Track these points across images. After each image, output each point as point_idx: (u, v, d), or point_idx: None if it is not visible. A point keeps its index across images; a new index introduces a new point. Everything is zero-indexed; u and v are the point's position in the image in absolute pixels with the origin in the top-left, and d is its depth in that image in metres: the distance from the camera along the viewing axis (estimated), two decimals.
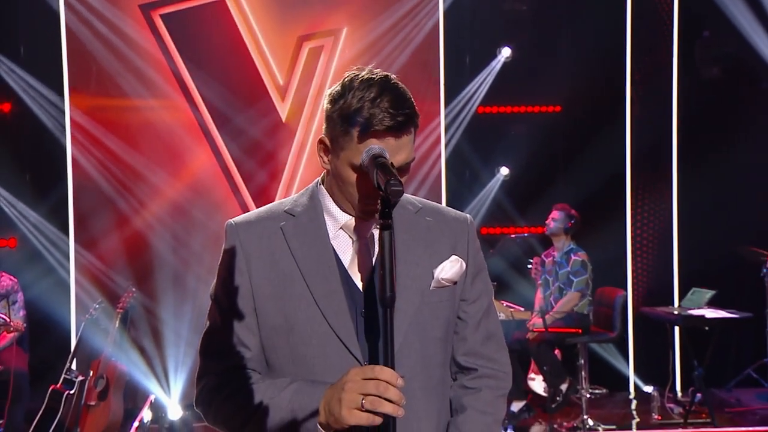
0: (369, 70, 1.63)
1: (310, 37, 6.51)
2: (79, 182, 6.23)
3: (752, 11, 6.75)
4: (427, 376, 1.70)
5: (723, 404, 6.11)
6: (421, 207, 1.77)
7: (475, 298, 1.77)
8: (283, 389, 1.60)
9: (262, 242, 1.68)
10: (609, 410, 6.18)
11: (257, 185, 6.50)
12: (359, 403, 1.45)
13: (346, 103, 1.58)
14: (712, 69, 7.08)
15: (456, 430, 1.73)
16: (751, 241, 6.32)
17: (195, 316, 6.22)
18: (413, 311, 1.65)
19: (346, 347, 1.61)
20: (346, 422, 1.48)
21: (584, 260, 5.96)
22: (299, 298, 1.65)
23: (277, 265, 1.67)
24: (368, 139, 1.57)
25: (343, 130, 1.58)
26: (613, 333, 6.10)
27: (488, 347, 1.79)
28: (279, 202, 1.77)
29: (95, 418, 5.12)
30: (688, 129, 7.00)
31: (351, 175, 1.61)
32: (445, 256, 1.72)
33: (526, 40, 6.86)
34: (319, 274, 1.65)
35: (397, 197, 1.46)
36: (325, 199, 1.70)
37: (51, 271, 6.10)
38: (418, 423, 1.64)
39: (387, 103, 1.55)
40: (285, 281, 1.66)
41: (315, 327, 1.64)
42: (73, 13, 6.10)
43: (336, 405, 1.48)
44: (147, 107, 6.32)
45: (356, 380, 1.47)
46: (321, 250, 1.67)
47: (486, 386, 1.76)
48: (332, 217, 1.69)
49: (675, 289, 6.96)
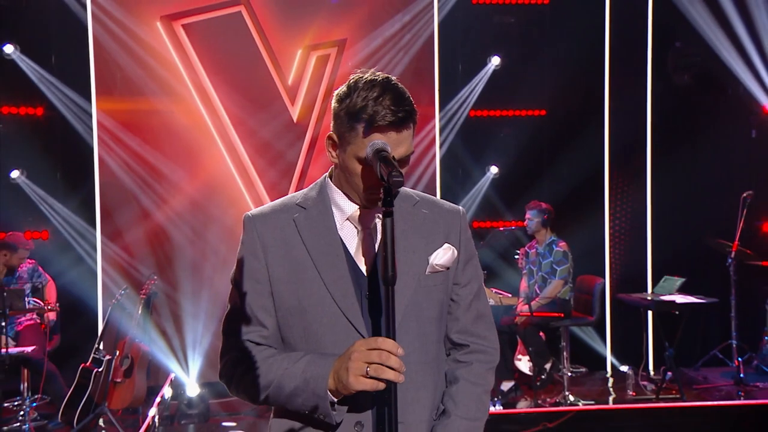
0: (372, 72, 1.63)
1: (318, 47, 6.50)
2: (104, 179, 6.20)
3: (719, 25, 6.79)
4: (424, 351, 1.70)
5: (691, 382, 6.15)
6: (418, 200, 1.78)
7: (466, 282, 1.78)
8: (297, 361, 1.62)
9: (277, 233, 1.70)
10: (588, 387, 6.18)
11: (270, 181, 6.47)
12: (364, 370, 1.48)
13: (351, 101, 1.59)
14: (683, 76, 7.09)
15: (450, 399, 1.74)
16: (717, 233, 6.39)
17: (211, 302, 6.23)
18: (410, 293, 1.66)
19: (353, 325, 1.63)
20: (353, 388, 1.51)
21: (565, 250, 5.98)
22: (311, 283, 1.66)
23: (290, 253, 1.68)
24: (372, 134, 1.58)
25: (349, 126, 1.59)
26: (593, 317, 6.11)
27: (478, 326, 1.80)
28: (291, 196, 1.77)
29: (121, 393, 5.13)
30: (660, 131, 7.02)
31: (357, 167, 1.62)
32: (440, 244, 1.72)
33: (514, 50, 6.87)
34: (328, 262, 1.67)
35: (398, 187, 1.48)
36: (332, 192, 1.71)
37: (80, 261, 6.07)
38: (416, 393, 1.67)
39: (389, 101, 1.56)
40: (298, 268, 1.67)
41: (325, 308, 1.65)
42: (100, 24, 6.08)
43: (344, 373, 1.51)
44: (167, 110, 6.28)
45: (361, 350, 1.49)
46: (329, 240, 1.68)
47: (477, 360, 1.78)
48: (339, 209, 1.70)
49: (648, 276, 7.00)
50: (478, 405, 1.75)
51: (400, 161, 1.59)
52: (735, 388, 5.84)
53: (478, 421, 1.74)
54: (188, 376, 6.04)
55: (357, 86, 1.59)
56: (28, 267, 5.40)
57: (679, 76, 7.09)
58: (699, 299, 5.84)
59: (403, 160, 1.62)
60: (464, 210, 1.83)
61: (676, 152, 6.84)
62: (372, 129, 1.57)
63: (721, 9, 6.73)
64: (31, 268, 5.41)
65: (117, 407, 5.12)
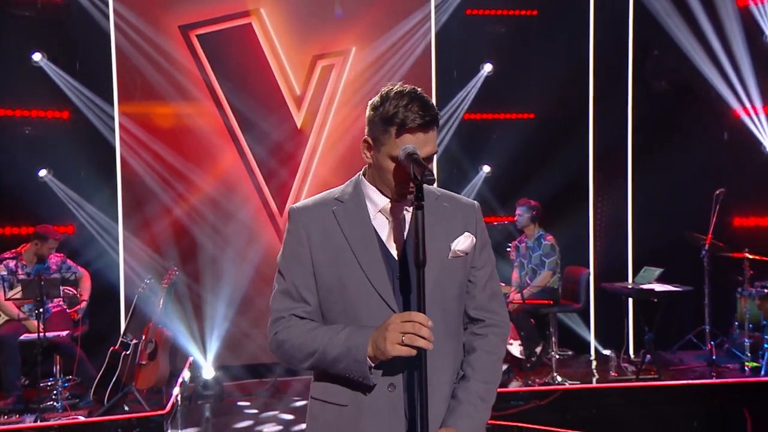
0: (400, 84, 1.74)
1: (323, 57, 6.56)
2: (127, 178, 6.22)
3: (693, 35, 6.81)
4: (447, 324, 1.80)
5: (668, 363, 6.17)
6: (439, 195, 1.87)
7: (482, 265, 1.89)
8: (339, 332, 1.72)
9: (318, 223, 1.79)
10: (574, 369, 6.18)
11: (276, 182, 6.51)
12: (400, 339, 1.59)
13: (385, 109, 1.70)
14: (660, 82, 7.12)
15: (469, 366, 1.85)
16: (692, 227, 6.43)
17: (227, 292, 6.29)
18: (436, 275, 1.75)
19: (385, 302, 1.73)
20: (390, 354, 1.61)
21: (553, 243, 6.07)
22: (349, 265, 1.76)
23: (330, 240, 1.78)
24: (404, 135, 1.69)
25: (383, 129, 1.70)
26: (579, 304, 6.18)
27: (493, 303, 1.91)
28: (329, 192, 1.87)
29: (146, 374, 5.24)
30: (640, 133, 7.05)
31: (390, 165, 1.72)
32: (459, 233, 1.82)
33: (505, 58, 6.88)
34: (363, 247, 1.77)
35: (431, 185, 1.62)
36: (366, 188, 1.81)
37: (104, 254, 6.11)
38: (441, 360, 1.77)
39: (417, 107, 1.67)
40: (337, 252, 1.77)
41: (362, 287, 1.75)
42: (122, 33, 6.13)
43: (382, 341, 1.62)
44: (184, 114, 6.32)
45: (397, 322, 1.61)
46: (364, 229, 1.79)
47: (491, 333, 1.89)
48: (372, 203, 1.80)
49: (629, 267, 7.02)
50: (493, 371, 1.86)
51: (426, 159, 1.70)
52: (708, 369, 5.89)
53: (492, 384, 1.86)
54: (205, 359, 6.12)
55: (389, 96, 1.70)
56: (56, 260, 5.45)
57: (656, 83, 7.13)
58: (675, 288, 5.89)
59: (429, 157, 1.73)
60: (479, 204, 1.93)
61: (655, 153, 6.88)
62: (403, 131, 1.68)
63: (696, 20, 6.76)
64: (61, 261, 5.46)
65: (142, 387, 5.21)
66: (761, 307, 6.09)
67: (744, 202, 6.99)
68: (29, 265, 5.30)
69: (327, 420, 1.81)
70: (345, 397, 1.77)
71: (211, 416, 5.54)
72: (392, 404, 1.74)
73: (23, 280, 4.98)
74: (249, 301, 6.36)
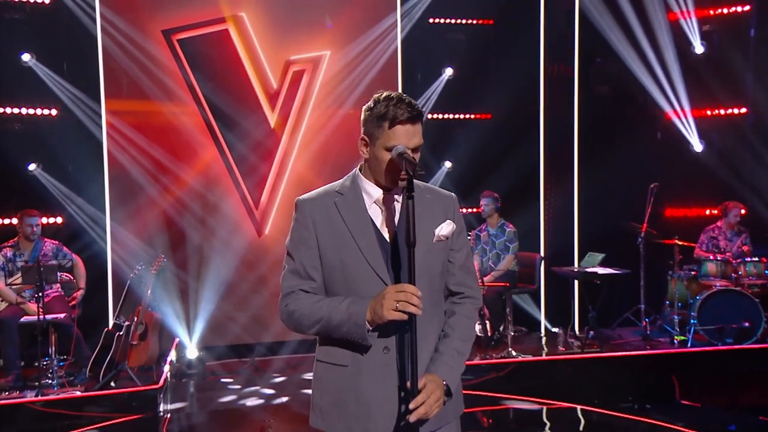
0: (388, 90, 1.90)
1: (295, 61, 6.55)
2: (113, 172, 6.19)
3: (631, 45, 7.06)
4: (432, 297, 1.94)
5: (609, 338, 6.35)
6: (423, 188, 1.98)
7: (459, 248, 2.02)
8: (341, 302, 1.85)
9: (322, 211, 1.92)
10: (527, 345, 6.33)
11: (254, 177, 6.50)
12: (394, 306, 1.74)
13: (377, 109, 1.85)
14: (602, 87, 7.36)
15: (449, 327, 1.98)
16: (630, 217, 6.62)
17: (211, 278, 6.33)
18: (422, 256, 1.85)
19: (380, 278, 1.87)
20: (386, 318, 1.75)
21: (515, 231, 6.30)
22: (349, 248, 1.89)
23: (333, 226, 1.90)
24: (395, 127, 1.83)
25: (377, 125, 1.85)
26: (534, 286, 6.40)
27: (468, 279, 2.05)
28: (331, 185, 1.99)
29: (138, 353, 5.35)
30: (585, 133, 7.24)
31: (385, 156, 1.86)
32: (441, 220, 1.95)
33: (464, 63, 6.98)
34: (361, 233, 1.89)
35: (421, 179, 1.82)
36: (362, 182, 1.94)
37: (92, 243, 6.10)
38: (427, 327, 1.91)
39: (404, 105, 1.84)
40: (339, 237, 1.90)
41: (360, 266, 1.88)
42: (108, 36, 6.09)
43: (379, 308, 1.76)
44: (168, 112, 6.30)
45: (392, 292, 1.76)
46: (361, 217, 1.91)
47: (468, 302, 2.03)
48: (368, 194, 1.93)
49: (575, 252, 7.21)
50: (468, 331, 2.02)
51: (414, 149, 1.85)
52: (642, 343, 6.16)
53: (468, 341, 2.01)
54: (190, 341, 6.17)
55: (380, 99, 1.87)
56: (52, 246, 5.46)
57: (599, 88, 7.36)
58: (615, 271, 6.05)
59: (417, 148, 1.87)
60: (455, 196, 2.07)
61: (598, 151, 7.00)
62: (395, 123, 1.83)
63: (633, 32, 6.98)
64: (56, 247, 5.48)
65: (134, 365, 5.31)
66: (688, 288, 6.41)
67: (674, 195, 7.24)
68: (26, 253, 5.34)
69: (330, 379, 1.93)
70: (346, 359, 1.89)
71: (196, 392, 5.61)
72: (386, 364, 1.87)
73: (23, 267, 5.03)
74: (232, 287, 6.38)
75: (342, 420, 1.90)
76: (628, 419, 4.94)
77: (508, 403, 5.30)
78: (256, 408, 5.22)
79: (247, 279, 6.45)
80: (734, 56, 7.19)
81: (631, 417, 4.98)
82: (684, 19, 7.24)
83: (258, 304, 6.46)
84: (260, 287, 6.46)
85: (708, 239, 6.66)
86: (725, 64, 7.22)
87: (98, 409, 4.90)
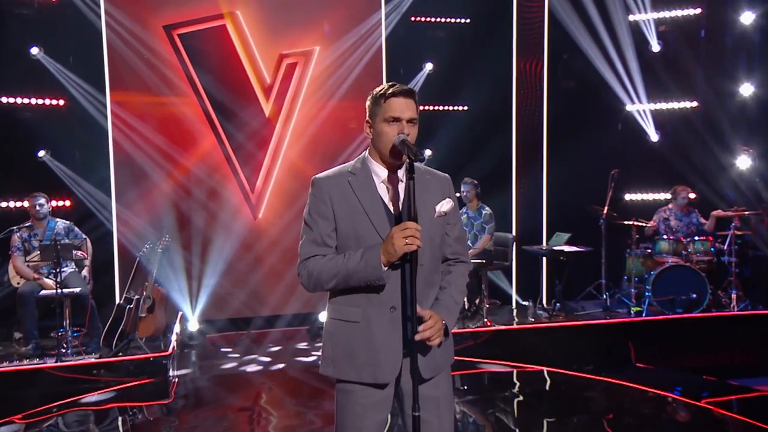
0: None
1: (288, 56, 6.65)
2: (119, 158, 6.25)
3: (595, 43, 7.19)
4: (431, 263, 2.06)
5: (573, 310, 6.48)
6: (423, 170, 2.07)
7: (455, 222, 2.15)
8: (354, 253, 1.95)
9: (338, 188, 2.01)
10: (500, 316, 6.40)
11: (249, 164, 6.60)
12: (404, 242, 1.85)
13: (377, 92, 2.01)
14: (569, 82, 7.46)
15: (447, 283, 2.11)
16: (593, 201, 6.70)
17: (212, 257, 6.44)
18: (426, 229, 1.96)
19: None
20: (399, 253, 1.86)
21: (491, 213, 6.38)
22: (362, 220, 1.99)
23: (347, 201, 2.00)
24: (390, 99, 1.95)
25: (377, 103, 1.99)
26: (506, 263, 6.52)
27: (461, 248, 2.18)
28: (343, 166, 2.08)
29: (146, 325, 5.51)
30: (553, 123, 7.30)
31: (385, 128, 1.96)
32: (440, 198, 2.05)
33: (443, 59, 7.05)
34: (372, 207, 2.00)
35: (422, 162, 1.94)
36: (371, 163, 2.05)
37: (100, 225, 6.18)
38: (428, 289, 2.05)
39: (397, 86, 1.99)
40: (353, 211, 1.99)
41: (371, 235, 1.98)
42: (113, 31, 6.16)
43: (391, 246, 1.87)
44: (169, 102, 6.36)
45: (398, 231, 1.87)
46: (372, 194, 2.01)
47: (461, 265, 2.18)
48: (376, 175, 2.03)
49: (543, 232, 7.32)
50: (462, 286, 2.16)
51: (410, 120, 1.96)
52: (603, 314, 6.25)
53: (462, 294, 2.14)
54: (193, 314, 6.31)
55: (378, 86, 2.03)
56: (64, 225, 5.52)
57: (566, 82, 7.45)
58: (580, 249, 6.21)
59: (412, 120, 1.98)
60: (449, 177, 2.16)
61: (565, 140, 7.11)
62: (390, 97, 1.96)
63: (597, 32, 7.15)
64: (68, 226, 5.53)
65: (143, 335, 5.47)
66: (644, 264, 6.53)
67: (633, 181, 7.35)
68: (40, 232, 5.41)
69: (342, 333, 2.04)
70: (357, 316, 2.00)
71: (198, 360, 5.78)
72: (393, 321, 1.99)
73: (41, 245, 5.12)
74: (231, 265, 6.49)
75: (353, 368, 2.01)
76: (589, 379, 5.09)
77: (483, 366, 5.45)
78: (255, 373, 5.39)
79: (244, 258, 6.57)
80: (686, 55, 7.34)
81: (592, 377, 5.13)
82: (642, 20, 7.41)
83: (255, 280, 6.58)
84: (257, 266, 6.59)
85: (660, 219, 6.77)
86: (679, 62, 7.35)
87: (113, 374, 5.06)
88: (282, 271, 6.58)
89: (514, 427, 4.25)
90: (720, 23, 7.40)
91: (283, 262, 6.58)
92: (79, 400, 4.77)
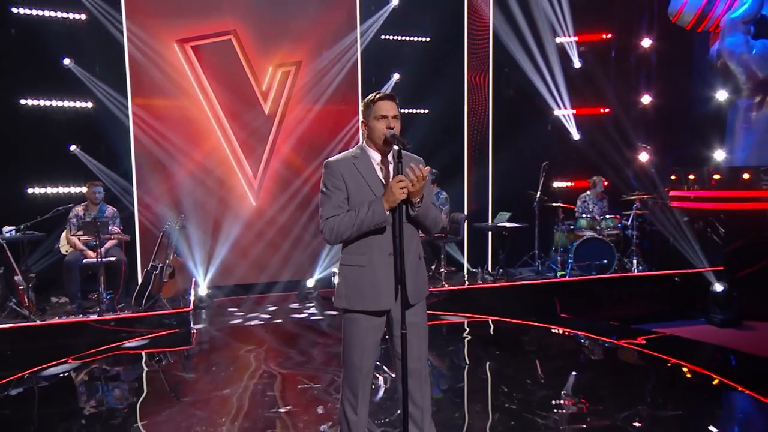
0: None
1: (282, 65, 6.83)
2: (138, 152, 6.35)
3: (530, 60, 7.51)
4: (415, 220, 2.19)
5: (512, 274, 6.79)
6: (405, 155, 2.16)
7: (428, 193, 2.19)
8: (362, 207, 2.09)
9: (346, 168, 2.16)
10: (455, 281, 6.60)
11: (251, 157, 6.72)
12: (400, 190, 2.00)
13: (368, 99, 2.18)
14: (509, 91, 7.70)
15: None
16: (528, 187, 6.97)
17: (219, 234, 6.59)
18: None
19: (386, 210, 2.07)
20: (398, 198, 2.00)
21: (447, 196, 6.60)
22: (366, 192, 2.13)
23: (354, 178, 2.15)
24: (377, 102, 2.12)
25: (368, 106, 2.16)
26: (459, 237, 6.78)
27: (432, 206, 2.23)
28: (348, 152, 2.21)
29: (168, 288, 5.78)
30: (497, 125, 7.52)
31: (376, 123, 2.13)
32: None
33: (408, 70, 7.22)
34: (373, 182, 2.15)
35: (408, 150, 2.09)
36: (368, 150, 2.21)
37: (124, 209, 6.23)
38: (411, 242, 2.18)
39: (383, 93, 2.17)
40: (360, 185, 2.14)
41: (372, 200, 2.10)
42: (133, 44, 6.25)
43: (391, 195, 2.02)
44: (182, 105, 6.46)
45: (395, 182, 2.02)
46: (372, 173, 2.17)
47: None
48: (372, 159, 2.18)
49: (489, 212, 7.59)
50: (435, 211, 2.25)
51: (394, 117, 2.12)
52: (536, 277, 6.56)
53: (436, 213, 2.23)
54: (204, 281, 6.51)
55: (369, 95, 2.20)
56: (112, 211, 5.70)
57: (507, 92, 7.68)
58: (518, 225, 6.55)
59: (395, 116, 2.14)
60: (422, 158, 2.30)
61: (506, 139, 7.40)
62: (378, 100, 2.14)
63: (531, 51, 7.44)
64: (114, 212, 5.72)
65: (166, 296, 5.74)
66: (568, 238, 6.89)
67: (559, 171, 7.70)
68: (93, 213, 5.57)
69: (353, 276, 2.18)
70: (364, 261, 2.15)
71: (209, 318, 5.95)
72: (389, 264, 2.14)
73: (83, 222, 5.37)
74: (236, 240, 6.64)
75: (361, 300, 2.16)
76: (525, 325, 5.36)
77: (443, 318, 5.65)
78: (258, 327, 5.54)
79: (246, 234, 6.75)
80: (600, 70, 7.71)
81: (528, 323, 5.41)
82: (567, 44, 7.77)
83: (255, 253, 6.75)
84: (257, 241, 6.78)
85: (581, 203, 7.14)
86: (594, 76, 7.70)
87: (146, 327, 5.31)
88: (278, 244, 6.79)
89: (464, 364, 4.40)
90: (627, 46, 7.85)
91: (279, 237, 6.79)
92: (120, 345, 5.01)
